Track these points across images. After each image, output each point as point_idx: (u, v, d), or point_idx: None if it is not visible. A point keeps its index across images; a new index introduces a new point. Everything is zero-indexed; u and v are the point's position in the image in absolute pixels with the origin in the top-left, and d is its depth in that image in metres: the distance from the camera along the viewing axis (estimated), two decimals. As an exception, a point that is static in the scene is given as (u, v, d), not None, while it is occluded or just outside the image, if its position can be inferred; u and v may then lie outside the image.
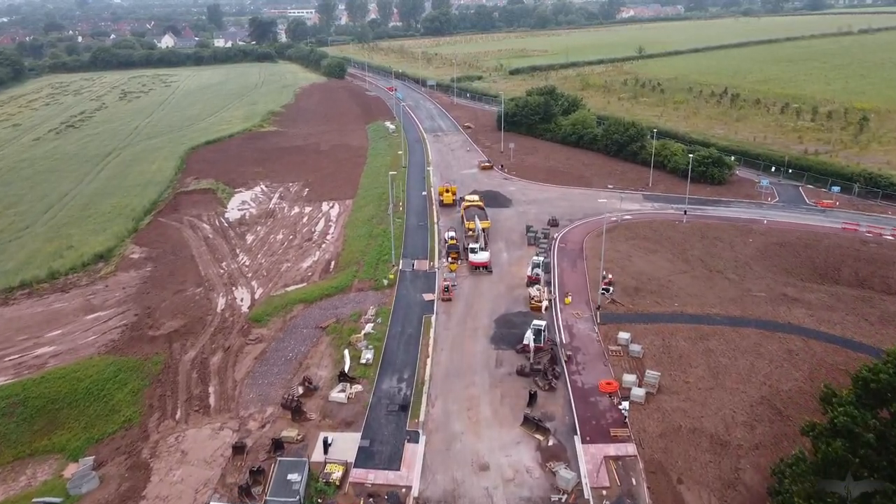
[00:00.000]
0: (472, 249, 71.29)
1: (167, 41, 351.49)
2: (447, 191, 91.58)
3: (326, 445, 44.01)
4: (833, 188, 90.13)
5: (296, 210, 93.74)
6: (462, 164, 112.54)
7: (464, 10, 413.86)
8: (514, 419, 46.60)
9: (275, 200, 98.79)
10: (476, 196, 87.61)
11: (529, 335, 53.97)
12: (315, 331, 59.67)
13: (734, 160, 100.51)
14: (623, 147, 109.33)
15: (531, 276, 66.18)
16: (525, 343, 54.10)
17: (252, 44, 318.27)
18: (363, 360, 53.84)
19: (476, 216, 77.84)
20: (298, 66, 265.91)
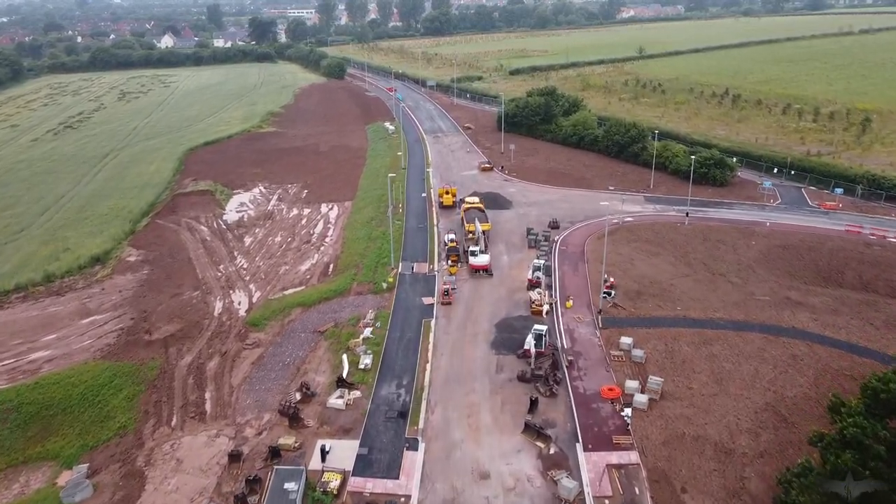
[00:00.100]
0: (473, 252, 70.59)
1: (167, 41, 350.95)
2: (447, 192, 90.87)
3: (324, 453, 43.30)
4: (836, 190, 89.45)
5: (294, 212, 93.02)
6: (462, 166, 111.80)
7: (464, 10, 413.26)
8: (515, 426, 45.91)
9: (273, 202, 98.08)
10: (476, 198, 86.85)
11: (530, 340, 53.24)
12: (313, 335, 58.97)
13: (736, 161, 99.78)
14: (624, 148, 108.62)
15: (532, 280, 65.50)
16: (526, 348, 53.38)
17: (252, 44, 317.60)
18: (362, 366, 53.16)
19: (476, 218, 77.13)
20: (298, 67, 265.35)
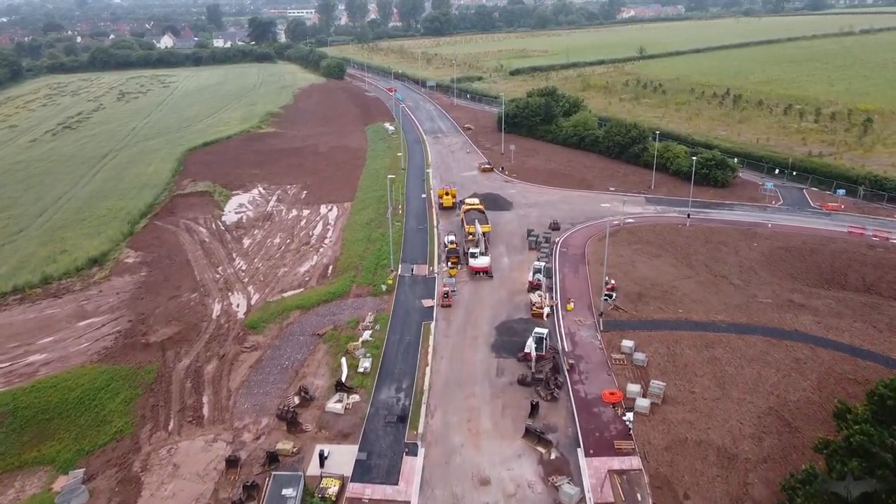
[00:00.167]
0: (473, 254, 70.07)
1: (166, 41, 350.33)
2: (447, 193, 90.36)
3: (322, 458, 42.83)
4: (838, 191, 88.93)
5: (293, 213, 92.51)
6: (462, 167, 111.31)
7: (464, 11, 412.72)
8: (516, 431, 45.42)
9: (272, 203, 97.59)
10: (476, 199, 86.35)
11: (531, 343, 52.71)
12: (312, 338, 58.47)
13: (737, 162, 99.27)
14: (625, 149, 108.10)
15: (532, 282, 65.02)
16: (526, 351, 52.86)
17: (251, 44, 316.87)
18: (361, 369, 52.66)
19: (476, 220, 76.63)
20: (297, 67, 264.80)
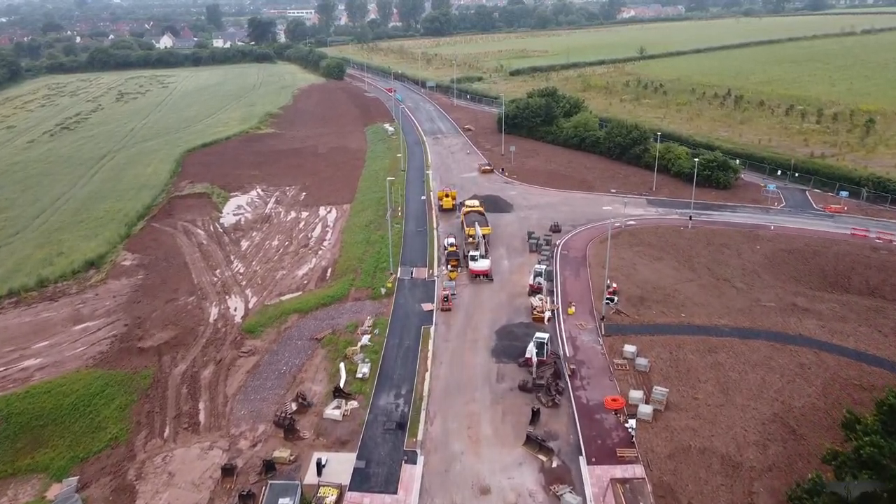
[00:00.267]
0: (473, 257, 69.36)
1: (166, 41, 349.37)
2: (447, 195, 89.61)
3: (320, 467, 42.10)
4: (841, 193, 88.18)
5: (292, 215, 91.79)
6: (462, 168, 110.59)
7: (464, 11, 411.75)
8: (517, 438, 44.71)
9: (271, 205, 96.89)
10: (476, 201, 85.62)
11: (532, 348, 51.93)
12: (310, 342, 57.76)
13: (739, 164, 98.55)
14: (626, 150, 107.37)
15: (533, 285, 64.29)
16: (527, 356, 52.08)
17: (251, 44, 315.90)
18: (359, 375, 51.94)
19: (476, 222, 75.95)
20: (297, 67, 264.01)
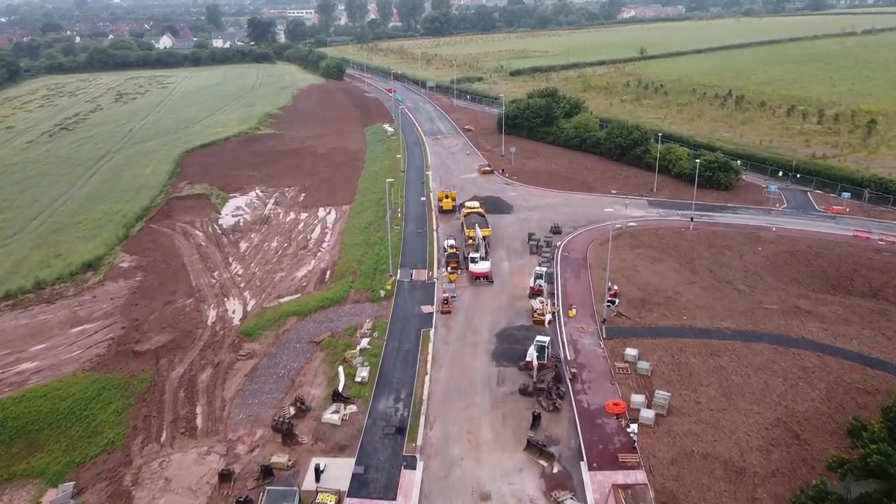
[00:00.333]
0: (473, 259, 68.88)
1: (165, 41, 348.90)
2: (447, 196, 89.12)
3: (318, 472, 41.64)
4: (843, 194, 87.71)
5: (291, 216, 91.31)
6: (462, 169, 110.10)
7: (464, 11, 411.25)
8: (517, 443, 44.22)
9: (270, 206, 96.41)
10: (476, 202, 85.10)
11: (532, 351, 51.51)
12: (308, 346, 57.29)
13: (740, 164, 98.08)
14: (627, 151, 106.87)
15: (534, 287, 63.82)
16: (528, 360, 51.67)
17: (250, 44, 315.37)
18: (358, 378, 51.46)
19: (476, 224, 75.49)
20: (297, 67, 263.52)
